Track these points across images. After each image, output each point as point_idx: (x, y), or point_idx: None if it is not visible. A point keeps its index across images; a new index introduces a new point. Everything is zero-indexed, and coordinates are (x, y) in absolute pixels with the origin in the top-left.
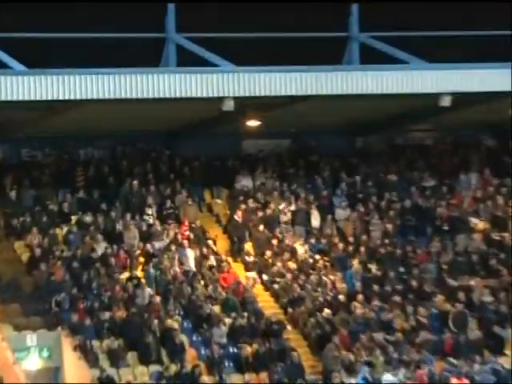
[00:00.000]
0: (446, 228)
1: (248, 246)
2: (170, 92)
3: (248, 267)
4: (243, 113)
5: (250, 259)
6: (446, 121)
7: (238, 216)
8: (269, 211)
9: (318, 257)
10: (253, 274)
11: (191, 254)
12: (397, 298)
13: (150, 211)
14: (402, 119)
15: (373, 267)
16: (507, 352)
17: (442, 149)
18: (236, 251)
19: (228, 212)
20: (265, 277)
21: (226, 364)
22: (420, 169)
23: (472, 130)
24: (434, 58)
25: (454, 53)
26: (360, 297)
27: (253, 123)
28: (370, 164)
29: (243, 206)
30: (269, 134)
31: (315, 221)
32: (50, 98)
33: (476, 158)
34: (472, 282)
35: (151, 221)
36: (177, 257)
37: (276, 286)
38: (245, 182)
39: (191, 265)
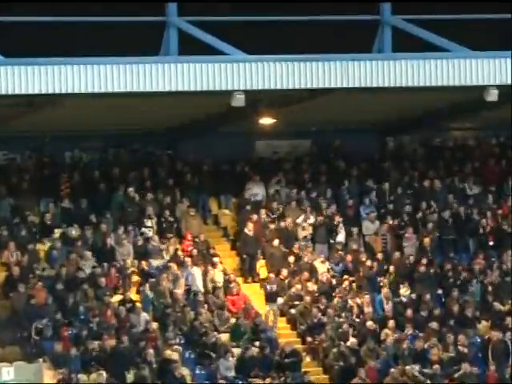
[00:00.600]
0: (491, 243)
1: (261, 265)
2: (170, 85)
3: (262, 289)
4: (256, 109)
5: (272, 285)
6: (493, 118)
7: (250, 229)
8: (285, 224)
9: (342, 277)
10: (273, 307)
11: (198, 273)
12: (434, 325)
13: (148, 223)
14: (440, 116)
15: (406, 289)
16: None
17: (487, 151)
18: (247, 270)
19: (237, 225)
20: (280, 300)
21: None
22: (462, 174)
23: None
24: (476, 45)
25: (497, 39)
26: (391, 323)
27: (267, 121)
28: (404, 168)
29: (255, 218)
30: (285, 134)
31: (339, 235)
32: (30, 91)
33: None
34: None
35: (150, 234)
36: (181, 276)
37: (293, 311)
38: (257, 190)
39: (199, 285)
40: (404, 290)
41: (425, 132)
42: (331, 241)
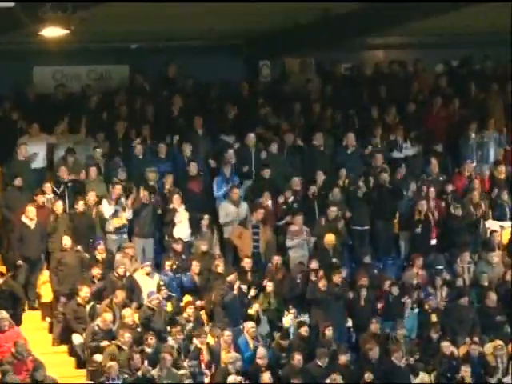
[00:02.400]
0: (435, 241)
1: (43, 278)
2: None
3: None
4: (34, 12)
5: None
6: (438, 28)
7: (31, 217)
8: (83, 206)
9: (184, 300)
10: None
11: None
12: (338, 379)
13: None
14: (349, 26)
15: (292, 319)
16: None
17: (429, 84)
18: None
19: (3, 209)
20: (78, 339)
21: None
22: (385, 123)
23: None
24: None
25: None
26: (266, 377)
27: (53, 32)
28: (289, 112)
29: (40, 199)
30: (85, 55)
31: (179, 228)
32: None
33: (493, 101)
34: (487, 348)
35: None
36: None
37: (99, 358)
38: (36, 149)
39: None
40: (289, 321)
41: (324, 52)
42: (164, 236)
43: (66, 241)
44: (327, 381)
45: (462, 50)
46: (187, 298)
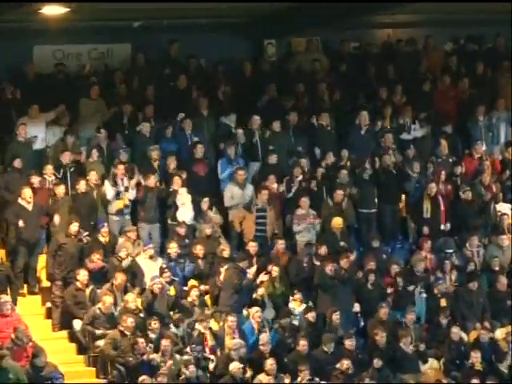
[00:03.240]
0: (445, 225)
1: (43, 263)
2: None
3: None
4: None
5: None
6: (448, 6)
7: (28, 199)
8: (85, 186)
9: (186, 284)
10: None
11: None
12: (344, 365)
13: None
14: (357, 4)
15: (298, 304)
16: None
17: (438, 62)
18: (19, 273)
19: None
20: (78, 324)
21: None
22: (394, 103)
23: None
24: None
25: None
26: (270, 364)
27: (54, 10)
28: (295, 93)
29: (36, 181)
30: (86, 34)
31: (182, 211)
32: None
33: (504, 80)
34: (497, 333)
35: None
36: None
37: (101, 343)
38: (35, 130)
39: None
40: (295, 306)
41: (331, 31)
42: (167, 220)
43: (74, 227)
44: (337, 366)
45: (471, 29)
46: (192, 282)
